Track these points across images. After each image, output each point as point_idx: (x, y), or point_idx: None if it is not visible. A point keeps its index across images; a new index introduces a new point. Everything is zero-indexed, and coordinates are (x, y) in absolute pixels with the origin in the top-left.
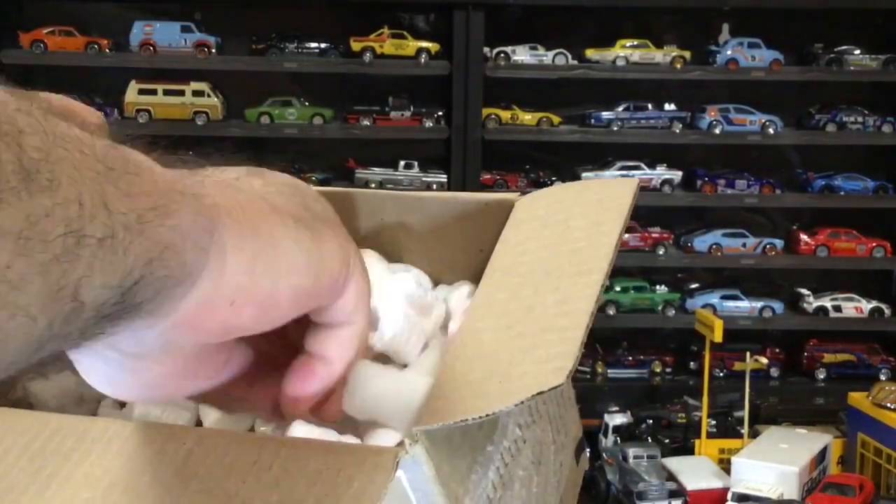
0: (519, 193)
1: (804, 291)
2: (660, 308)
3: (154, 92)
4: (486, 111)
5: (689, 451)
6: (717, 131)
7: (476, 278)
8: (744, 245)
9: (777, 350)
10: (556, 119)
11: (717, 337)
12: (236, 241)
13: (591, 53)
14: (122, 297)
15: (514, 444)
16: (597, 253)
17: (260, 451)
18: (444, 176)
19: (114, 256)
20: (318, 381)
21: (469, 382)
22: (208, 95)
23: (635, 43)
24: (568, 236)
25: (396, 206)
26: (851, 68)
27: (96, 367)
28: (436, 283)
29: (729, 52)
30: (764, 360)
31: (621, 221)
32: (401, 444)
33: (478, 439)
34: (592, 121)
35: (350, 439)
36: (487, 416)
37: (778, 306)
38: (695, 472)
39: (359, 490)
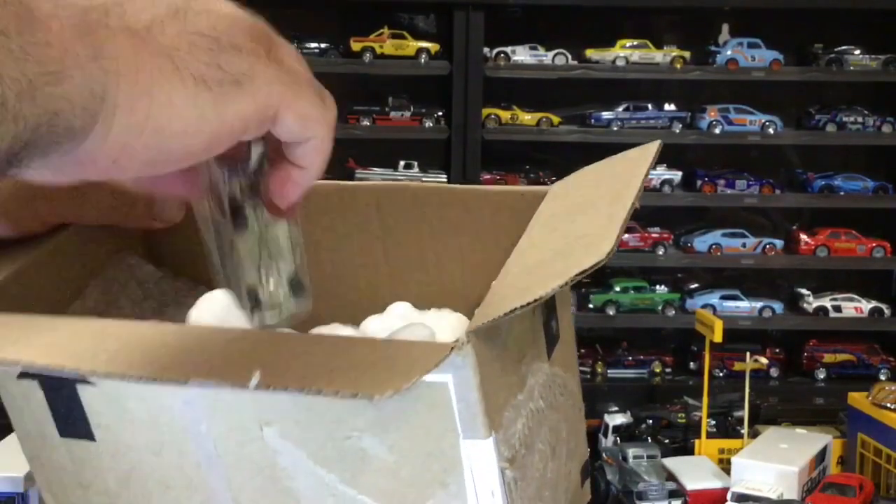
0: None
1: (804, 291)
2: (660, 308)
3: None
4: (485, 111)
5: (689, 451)
6: (717, 131)
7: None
8: (744, 245)
9: (777, 350)
10: (555, 119)
11: (717, 337)
12: (128, 103)
13: (591, 53)
14: (7, 161)
15: (538, 412)
16: (624, 192)
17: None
18: (444, 176)
19: (2, 126)
20: (294, 186)
21: (515, 286)
22: None
23: (635, 43)
24: (593, 193)
25: (436, 199)
26: (851, 68)
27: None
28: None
29: (729, 52)
30: (764, 360)
31: (643, 173)
32: (455, 342)
33: (513, 381)
34: (592, 121)
35: None
36: (535, 300)
37: (778, 306)
38: (695, 472)
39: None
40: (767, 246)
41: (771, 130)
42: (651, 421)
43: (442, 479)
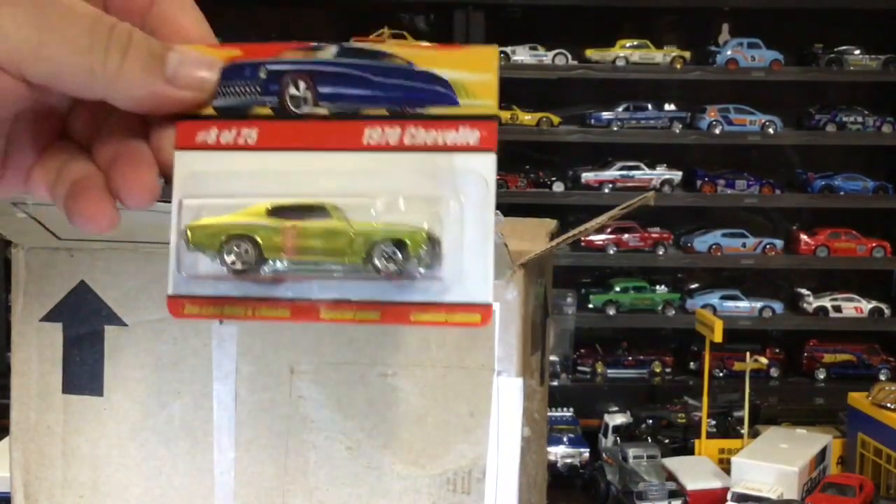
0: None
1: (804, 291)
2: (660, 308)
3: None
4: None
5: (689, 451)
6: (717, 131)
7: None
8: (744, 245)
9: (777, 350)
10: (556, 119)
11: (717, 337)
12: None
13: (591, 53)
14: None
15: (533, 393)
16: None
17: None
18: None
19: None
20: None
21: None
22: None
23: (635, 43)
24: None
25: None
26: (851, 68)
27: None
28: None
29: (729, 53)
30: (764, 360)
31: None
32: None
33: (528, 345)
34: (592, 121)
35: None
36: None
37: (778, 306)
38: (695, 472)
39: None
40: (767, 246)
41: (771, 130)
42: (651, 421)
43: (467, 424)
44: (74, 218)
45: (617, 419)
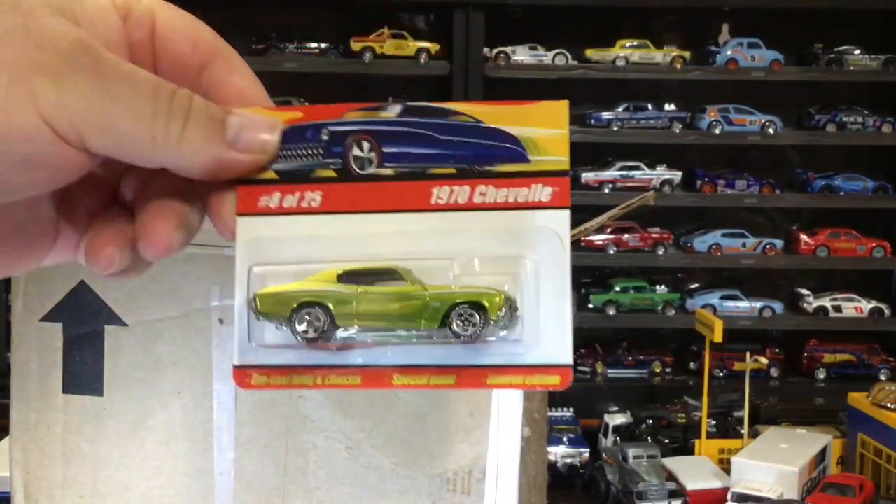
0: None
1: (804, 291)
2: (660, 308)
3: None
4: None
5: (689, 451)
6: (717, 131)
7: None
8: (744, 245)
9: (777, 350)
10: None
11: (717, 337)
12: None
13: (591, 53)
14: None
15: (533, 393)
16: None
17: None
18: None
19: None
20: None
21: None
22: None
23: (635, 43)
24: None
25: None
26: (851, 68)
27: None
28: None
29: (729, 52)
30: (764, 360)
31: None
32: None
33: None
34: (592, 121)
35: None
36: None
37: (778, 306)
38: (695, 472)
39: None
40: (767, 246)
41: (771, 130)
42: (651, 421)
43: (467, 424)
44: (85, 257)
45: (617, 419)
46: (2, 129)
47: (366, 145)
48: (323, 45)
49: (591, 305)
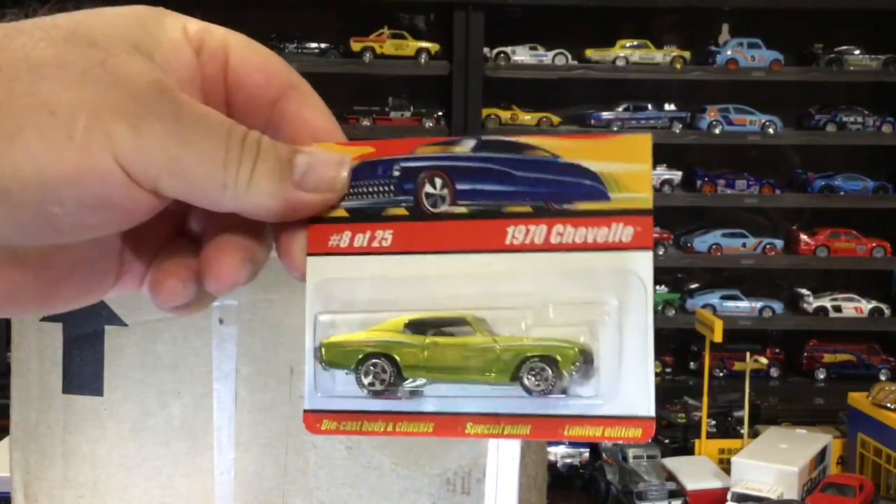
0: None
1: (804, 291)
2: (660, 308)
3: None
4: (485, 111)
5: (689, 451)
6: (717, 131)
7: None
8: (744, 245)
9: (777, 350)
10: (555, 119)
11: (717, 337)
12: None
13: (591, 53)
14: None
15: None
16: None
17: None
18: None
19: None
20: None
21: None
22: None
23: (635, 43)
24: None
25: None
26: (851, 68)
27: None
28: None
29: (729, 52)
30: (764, 360)
31: None
32: None
33: None
34: (592, 121)
35: None
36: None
37: (778, 306)
38: (695, 472)
39: None
40: (767, 246)
41: (771, 130)
42: None
43: None
44: (149, 291)
45: None
46: (77, 171)
47: (438, 182)
48: (323, 45)
49: None
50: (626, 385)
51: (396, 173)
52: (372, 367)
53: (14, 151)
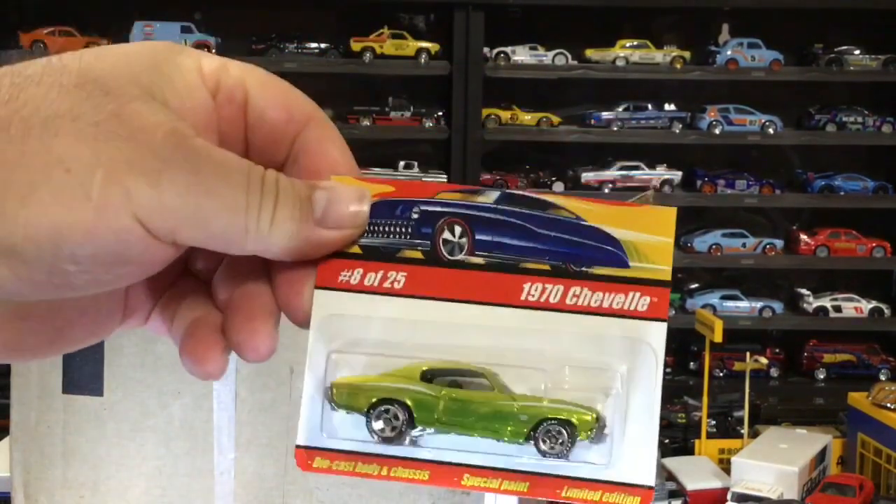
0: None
1: (804, 291)
2: None
3: None
4: (485, 111)
5: (689, 451)
6: (717, 131)
7: None
8: (744, 245)
9: (777, 350)
10: (555, 119)
11: (717, 337)
12: None
13: (591, 53)
14: None
15: None
16: None
17: None
18: (444, 176)
19: None
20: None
21: None
22: None
23: (635, 43)
24: None
25: None
26: (851, 68)
27: None
28: None
29: (729, 52)
30: (764, 360)
31: None
32: None
33: None
34: (592, 121)
35: None
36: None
37: (778, 306)
38: (695, 472)
39: None
40: (767, 246)
41: (771, 130)
42: None
43: None
44: (184, 359)
45: None
46: (94, 230)
47: (458, 230)
48: (323, 45)
49: None
50: (628, 452)
51: (415, 216)
52: (385, 413)
53: (28, 210)
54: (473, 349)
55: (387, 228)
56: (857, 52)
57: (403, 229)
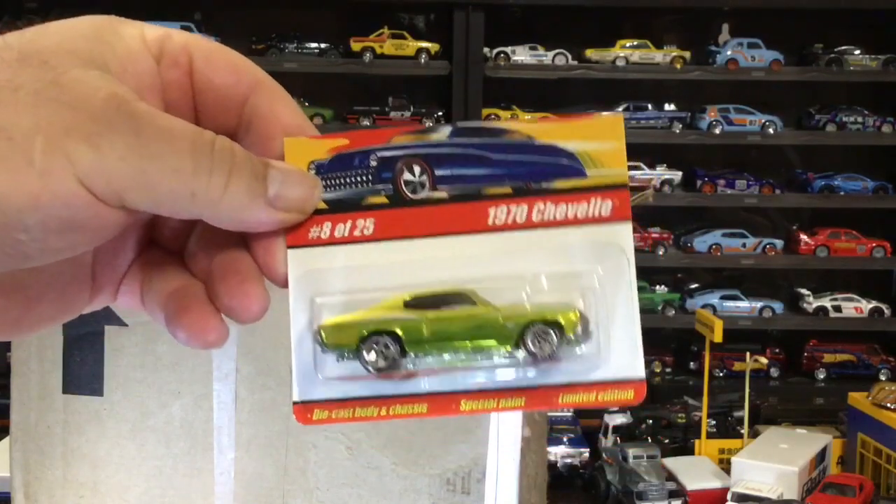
0: None
1: (804, 291)
2: (660, 308)
3: None
4: (486, 111)
5: (689, 451)
6: (717, 131)
7: None
8: (744, 245)
9: (777, 350)
10: None
11: (717, 337)
12: None
13: (591, 53)
14: None
15: None
16: None
17: None
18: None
19: None
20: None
21: None
22: None
23: (635, 43)
24: None
25: None
26: (851, 68)
27: None
28: None
29: (729, 52)
30: (764, 360)
31: None
32: None
33: None
34: None
35: None
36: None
37: (778, 306)
38: (695, 472)
39: None
40: (767, 246)
41: (771, 130)
42: (651, 421)
43: (466, 424)
44: (180, 333)
45: (617, 419)
46: (39, 197)
47: (417, 169)
48: (323, 45)
49: None
50: (615, 350)
51: (373, 163)
52: (375, 345)
53: None
54: (451, 281)
55: (348, 180)
56: (857, 52)
57: (364, 177)
